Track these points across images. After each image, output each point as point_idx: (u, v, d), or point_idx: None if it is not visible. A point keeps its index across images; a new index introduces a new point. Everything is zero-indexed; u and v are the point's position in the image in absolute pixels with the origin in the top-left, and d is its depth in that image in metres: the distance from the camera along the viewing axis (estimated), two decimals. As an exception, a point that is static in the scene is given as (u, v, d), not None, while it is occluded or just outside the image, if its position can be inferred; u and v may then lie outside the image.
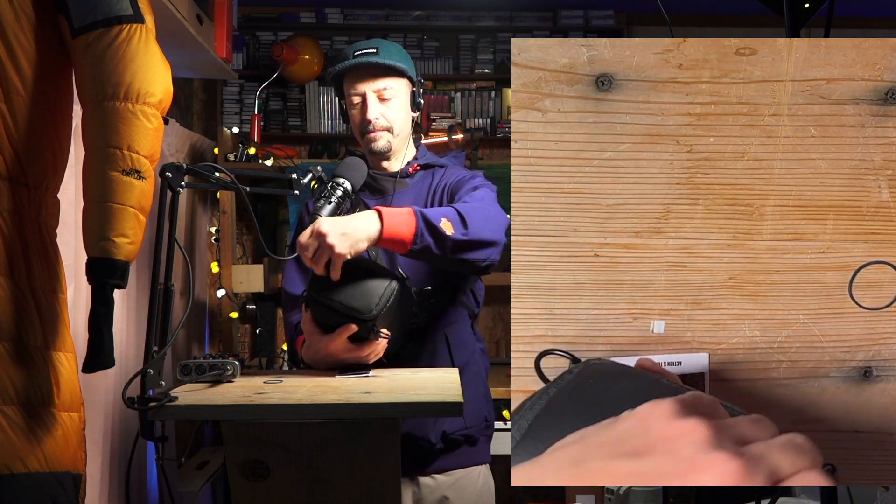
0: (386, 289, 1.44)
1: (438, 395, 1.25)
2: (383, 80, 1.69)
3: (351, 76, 1.70)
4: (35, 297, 1.27)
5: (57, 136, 1.31)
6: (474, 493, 1.72)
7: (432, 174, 1.77)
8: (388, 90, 1.69)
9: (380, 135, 1.70)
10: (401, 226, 1.41)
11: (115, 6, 1.24)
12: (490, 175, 1.84)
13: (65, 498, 1.26)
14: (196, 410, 1.26)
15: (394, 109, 1.70)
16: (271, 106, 3.69)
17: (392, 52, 1.70)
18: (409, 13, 3.67)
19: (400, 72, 1.70)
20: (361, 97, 1.69)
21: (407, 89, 1.73)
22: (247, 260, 3.70)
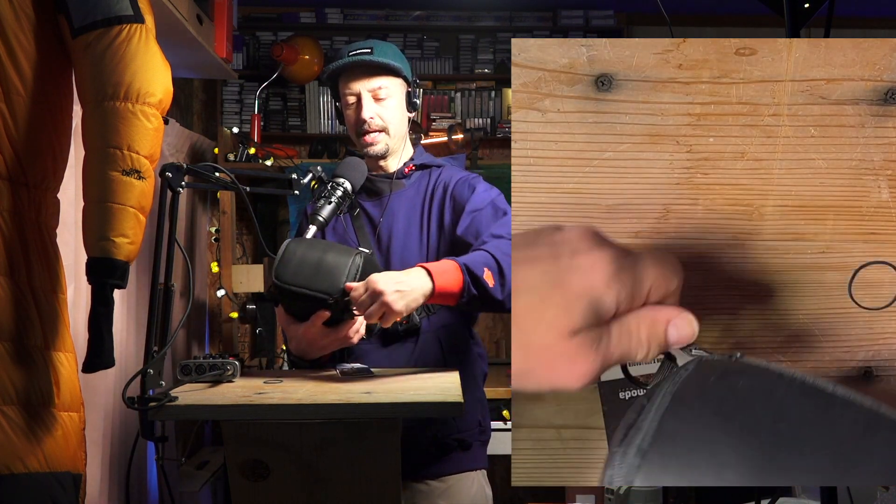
0: (350, 266, 1.42)
1: (438, 396, 1.25)
2: (378, 80, 1.68)
3: (346, 76, 1.70)
4: (35, 297, 1.27)
5: (57, 136, 1.31)
6: (468, 499, 1.69)
7: (429, 174, 1.76)
8: (382, 89, 1.68)
9: (377, 138, 1.69)
10: (450, 282, 1.43)
11: (115, 6, 1.24)
12: (490, 175, 1.84)
13: (65, 498, 1.26)
14: (196, 410, 1.27)
15: (389, 109, 1.69)
16: (271, 106, 3.69)
17: (387, 51, 1.69)
18: (409, 13, 3.67)
19: (395, 71, 1.69)
20: (356, 97, 1.69)
21: (402, 89, 1.73)
22: (247, 260, 3.70)
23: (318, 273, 1.41)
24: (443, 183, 1.72)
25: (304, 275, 1.41)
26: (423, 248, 1.68)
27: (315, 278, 1.40)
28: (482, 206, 1.63)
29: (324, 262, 1.42)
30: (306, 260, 1.41)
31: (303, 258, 1.41)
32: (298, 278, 1.40)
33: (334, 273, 1.41)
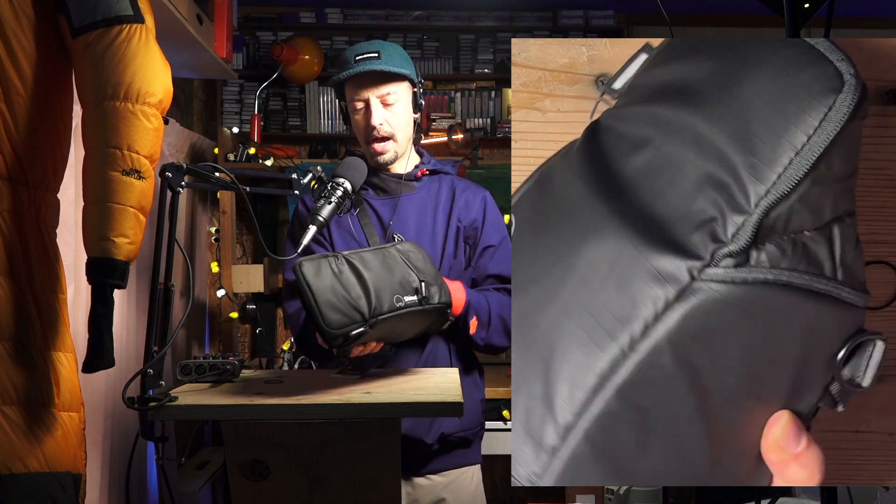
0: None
1: (438, 395, 1.25)
2: (386, 87, 1.68)
3: (355, 82, 1.70)
4: (35, 297, 1.27)
5: (57, 136, 1.31)
6: (469, 493, 1.73)
7: (439, 180, 1.78)
8: (391, 95, 1.68)
9: (385, 147, 1.70)
10: (459, 301, 1.61)
11: (115, 6, 1.24)
12: (490, 175, 1.85)
13: (65, 498, 1.26)
14: (196, 410, 1.27)
15: (397, 114, 1.70)
16: (271, 106, 3.69)
17: (394, 56, 1.69)
18: (409, 13, 3.67)
19: (402, 76, 1.70)
20: (365, 103, 1.69)
21: (409, 92, 1.73)
22: (247, 260, 3.70)
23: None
24: (454, 194, 1.75)
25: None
26: (435, 254, 1.71)
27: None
28: (496, 244, 1.75)
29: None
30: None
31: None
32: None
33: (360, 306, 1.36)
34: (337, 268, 1.33)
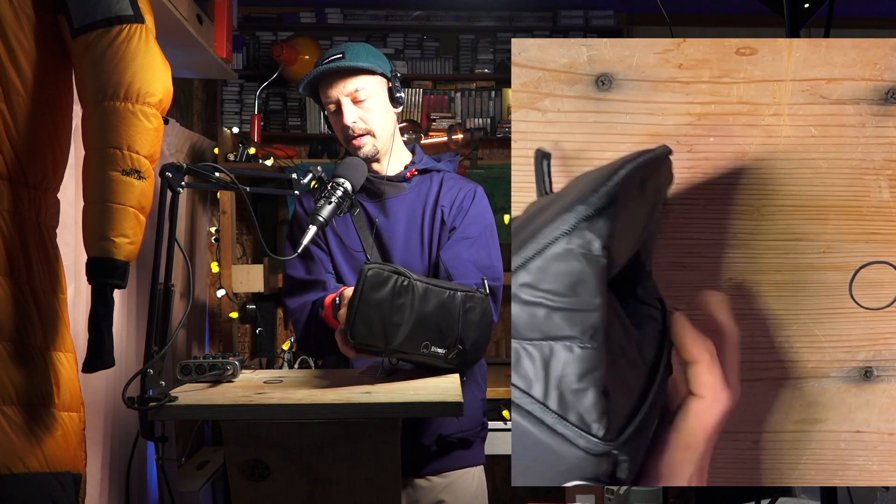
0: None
1: (438, 396, 1.25)
2: (353, 82, 1.67)
3: (323, 84, 1.70)
4: (35, 297, 1.27)
5: (57, 136, 1.31)
6: (469, 494, 1.72)
7: (430, 179, 1.76)
8: (360, 91, 1.68)
9: (363, 140, 1.69)
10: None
11: (115, 6, 1.24)
12: (490, 175, 1.84)
13: (65, 498, 1.26)
14: (196, 410, 1.27)
15: (370, 110, 1.69)
16: (271, 106, 3.69)
17: (358, 53, 1.69)
18: (409, 13, 3.67)
19: (369, 71, 1.69)
20: (336, 104, 1.69)
21: (382, 86, 1.72)
22: (247, 260, 3.70)
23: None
24: (443, 199, 1.73)
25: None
26: (424, 255, 1.70)
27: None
28: (474, 236, 1.69)
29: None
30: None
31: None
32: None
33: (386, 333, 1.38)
34: (398, 290, 1.34)
